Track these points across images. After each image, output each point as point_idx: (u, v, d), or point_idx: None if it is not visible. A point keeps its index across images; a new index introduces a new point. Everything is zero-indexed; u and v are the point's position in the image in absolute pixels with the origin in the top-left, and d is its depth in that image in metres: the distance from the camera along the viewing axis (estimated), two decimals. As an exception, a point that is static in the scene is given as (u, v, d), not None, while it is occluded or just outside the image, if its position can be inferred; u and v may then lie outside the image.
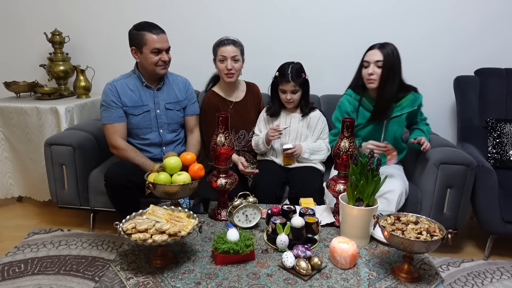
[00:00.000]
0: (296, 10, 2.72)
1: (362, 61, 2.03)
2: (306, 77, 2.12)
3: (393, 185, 1.94)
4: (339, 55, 2.76)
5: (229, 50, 2.11)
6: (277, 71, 2.13)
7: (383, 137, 2.12)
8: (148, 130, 2.08)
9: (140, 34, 1.95)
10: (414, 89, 2.08)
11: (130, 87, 2.04)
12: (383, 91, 1.99)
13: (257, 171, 2.06)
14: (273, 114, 2.20)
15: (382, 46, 1.97)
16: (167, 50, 2.02)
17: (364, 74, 2.01)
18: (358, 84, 2.09)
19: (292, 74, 2.06)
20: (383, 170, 1.95)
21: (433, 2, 2.61)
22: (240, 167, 2.07)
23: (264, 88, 2.40)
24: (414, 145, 2.07)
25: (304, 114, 2.19)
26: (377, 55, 1.96)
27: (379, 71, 1.96)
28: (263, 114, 2.26)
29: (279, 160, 2.21)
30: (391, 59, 1.95)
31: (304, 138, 2.21)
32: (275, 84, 2.15)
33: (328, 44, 2.75)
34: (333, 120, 2.19)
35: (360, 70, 2.06)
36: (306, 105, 2.18)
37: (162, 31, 1.99)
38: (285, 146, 2.09)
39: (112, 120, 2.00)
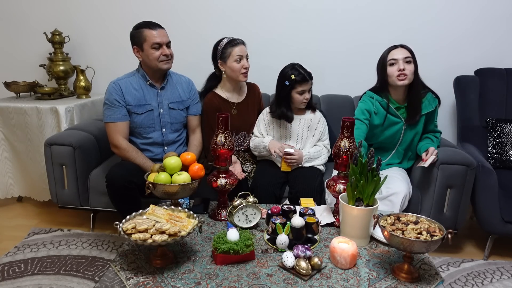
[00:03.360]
0: (296, 11, 2.72)
1: (386, 61, 2.03)
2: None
3: (398, 187, 1.94)
4: (339, 55, 2.76)
5: (243, 49, 2.13)
6: (291, 74, 2.06)
7: (400, 141, 2.14)
8: (151, 129, 2.09)
9: (138, 32, 1.98)
10: (431, 91, 2.11)
11: (134, 86, 2.05)
12: (414, 88, 2.03)
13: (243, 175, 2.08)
14: (291, 119, 2.16)
15: (403, 46, 2.03)
16: (168, 45, 2.02)
17: (393, 72, 2.00)
18: (381, 86, 2.09)
19: (306, 73, 2.07)
20: (389, 173, 1.95)
21: (433, 2, 2.61)
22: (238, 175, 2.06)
23: (264, 88, 2.40)
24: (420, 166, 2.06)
25: (313, 110, 2.21)
26: (403, 52, 2.00)
27: (410, 67, 1.99)
28: (263, 116, 2.26)
29: (278, 161, 2.21)
30: (414, 55, 2.01)
31: (305, 139, 2.20)
32: (289, 88, 2.09)
33: (328, 45, 2.75)
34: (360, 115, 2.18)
35: (382, 72, 2.05)
36: (312, 102, 2.21)
37: (161, 27, 2.01)
38: (287, 150, 2.08)
39: (114, 119, 2.00)
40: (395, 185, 1.95)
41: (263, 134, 2.24)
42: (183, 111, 2.17)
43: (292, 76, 2.07)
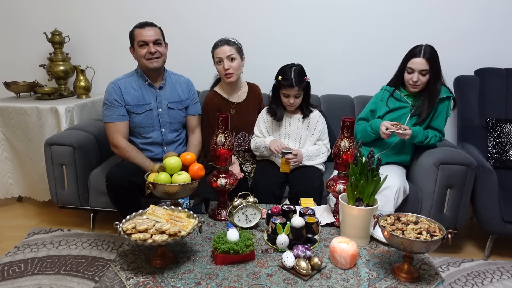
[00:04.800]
0: (296, 10, 2.71)
1: (405, 66, 2.10)
2: (308, 80, 2.10)
3: (390, 181, 1.93)
4: (339, 55, 2.76)
5: (224, 50, 2.11)
6: (280, 75, 2.08)
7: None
8: (150, 129, 2.09)
9: (131, 32, 2.05)
10: (447, 87, 2.15)
11: (133, 86, 2.06)
12: (430, 94, 2.08)
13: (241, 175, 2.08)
14: (280, 118, 2.18)
15: (425, 53, 2.04)
16: (156, 43, 2.01)
17: (407, 79, 2.10)
18: (397, 79, 2.19)
19: (295, 78, 2.03)
20: (383, 170, 1.95)
21: (433, 2, 2.61)
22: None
23: (264, 88, 2.40)
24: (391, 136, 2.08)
25: (305, 115, 2.18)
26: (422, 65, 2.04)
27: (424, 78, 2.06)
28: (263, 116, 2.26)
29: (278, 162, 2.21)
30: (435, 63, 2.04)
31: (304, 139, 2.20)
32: (277, 87, 2.12)
33: (328, 44, 2.75)
34: (364, 109, 2.31)
35: (401, 72, 2.15)
36: (306, 107, 2.18)
37: (150, 25, 2.03)
38: (284, 151, 2.08)
39: (114, 119, 2.01)
40: (387, 179, 1.93)
41: (264, 134, 2.24)
42: (182, 111, 2.17)
43: (279, 78, 2.08)
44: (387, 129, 2.02)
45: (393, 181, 1.95)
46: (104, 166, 2.30)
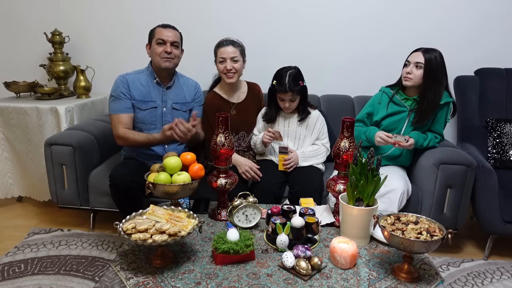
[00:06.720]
0: (295, 11, 2.71)
1: (406, 60, 2.14)
2: (304, 84, 2.10)
3: (395, 184, 1.94)
4: (339, 55, 2.76)
5: (228, 51, 2.11)
6: (274, 79, 2.09)
7: (403, 130, 2.16)
8: (152, 126, 2.10)
9: (152, 29, 2.09)
10: (448, 91, 2.16)
11: (141, 82, 2.09)
12: (424, 96, 2.08)
13: (259, 177, 2.08)
14: (270, 120, 2.20)
15: (426, 51, 2.07)
16: (174, 44, 2.04)
17: (403, 72, 2.13)
18: (397, 82, 2.21)
19: (289, 83, 2.03)
20: (385, 171, 1.95)
21: (432, 2, 2.61)
22: (251, 172, 2.08)
23: (265, 88, 2.40)
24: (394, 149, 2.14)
25: (301, 119, 2.18)
26: (418, 57, 2.06)
27: (417, 72, 2.06)
28: (262, 115, 2.26)
29: (277, 160, 2.21)
30: (432, 64, 2.04)
31: (303, 138, 2.20)
32: (273, 90, 2.13)
33: (328, 44, 2.75)
34: (361, 111, 2.31)
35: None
36: (303, 110, 2.17)
37: (172, 28, 2.08)
38: (282, 149, 2.08)
39: (119, 111, 2.03)
40: (392, 182, 1.94)
41: (262, 134, 2.24)
42: (186, 113, 2.18)
43: (274, 82, 2.08)
44: (395, 144, 2.03)
45: (397, 184, 1.95)
46: (104, 166, 2.31)
